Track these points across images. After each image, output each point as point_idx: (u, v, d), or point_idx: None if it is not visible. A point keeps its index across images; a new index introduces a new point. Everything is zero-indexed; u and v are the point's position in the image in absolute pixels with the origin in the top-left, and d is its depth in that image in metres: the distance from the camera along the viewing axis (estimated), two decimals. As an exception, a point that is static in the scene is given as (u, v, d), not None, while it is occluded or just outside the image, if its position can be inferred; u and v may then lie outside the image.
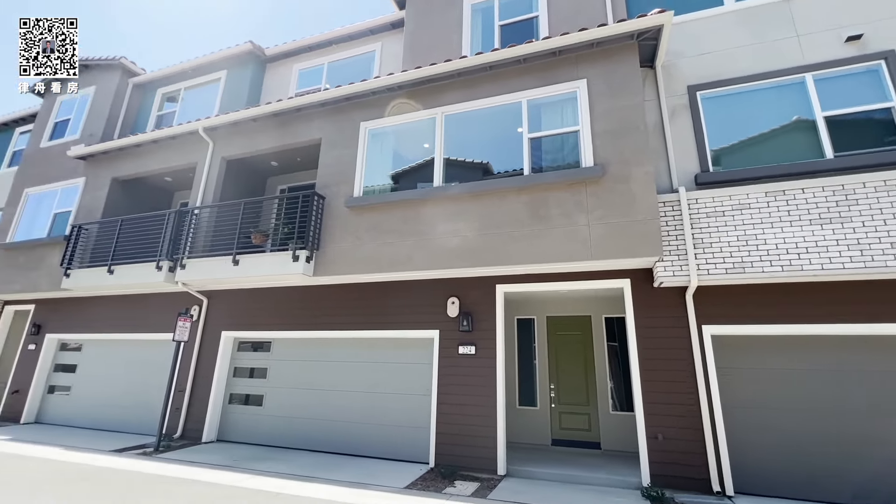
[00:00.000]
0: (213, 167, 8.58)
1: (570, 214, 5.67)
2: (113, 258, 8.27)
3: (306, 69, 10.15)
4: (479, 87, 6.75)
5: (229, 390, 7.98)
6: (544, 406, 7.48)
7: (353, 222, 6.88)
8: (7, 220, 10.66)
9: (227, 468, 5.82)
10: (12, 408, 9.42)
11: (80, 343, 9.71)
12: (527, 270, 6.15)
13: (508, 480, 5.55)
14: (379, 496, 4.81)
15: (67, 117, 11.37)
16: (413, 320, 6.78)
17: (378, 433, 6.66)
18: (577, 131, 6.02)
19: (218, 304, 8.32)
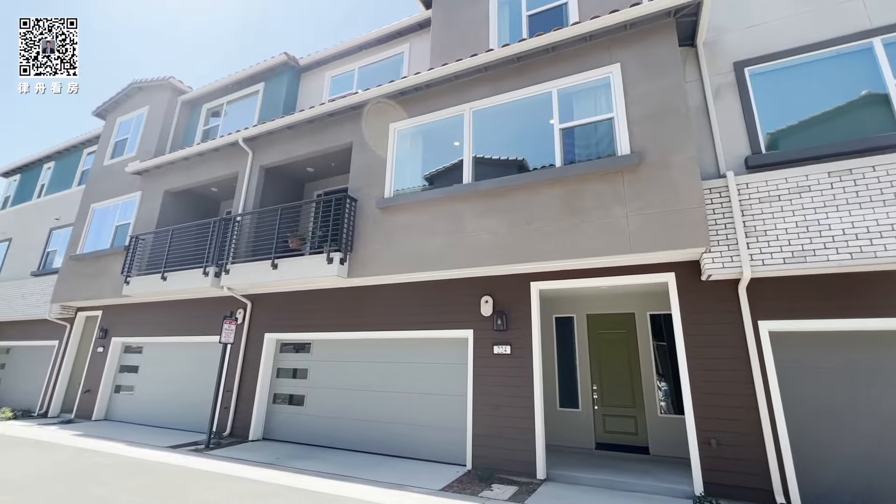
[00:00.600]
0: (253, 175, 8.93)
1: (607, 206, 5.39)
2: (166, 265, 8.79)
3: (338, 76, 10.36)
4: (508, 80, 6.58)
5: (273, 390, 8.25)
6: (587, 408, 7.17)
7: (384, 223, 6.91)
8: (77, 233, 11.62)
9: (269, 466, 5.99)
10: (85, 406, 10.24)
11: (141, 346, 10.41)
12: (562, 266, 5.91)
13: (548, 485, 5.34)
14: (416, 498, 4.77)
15: (126, 136, 12.26)
16: (446, 320, 6.70)
17: (414, 434, 6.63)
18: (612, 119, 5.72)
19: (261, 307, 8.64)
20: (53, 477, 5.32)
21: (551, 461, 5.96)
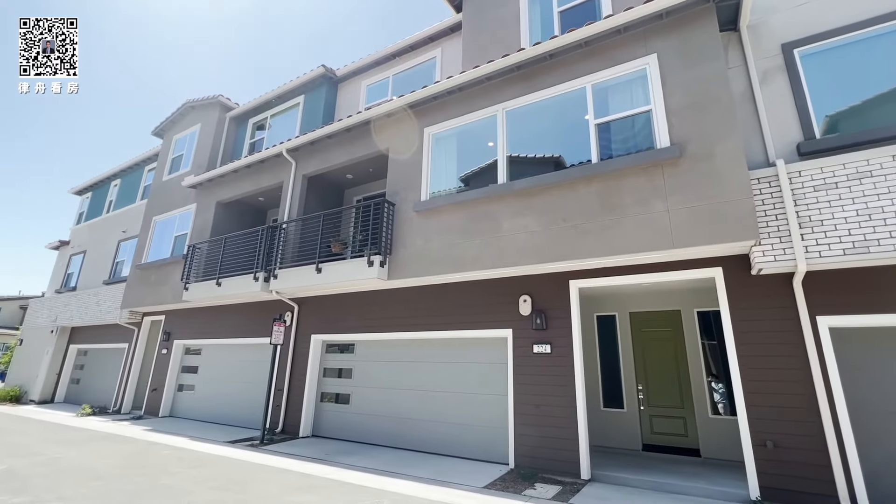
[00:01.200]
0: (297, 184, 9.36)
1: (646, 201, 5.26)
2: (220, 272, 9.39)
3: (373, 84, 10.66)
4: (540, 78, 6.56)
5: (320, 389, 8.61)
6: (632, 408, 6.99)
7: (421, 226, 7.06)
8: (141, 244, 12.62)
9: (318, 461, 6.27)
10: (152, 403, 11.09)
11: (200, 348, 11.15)
12: (601, 264, 5.82)
13: (593, 486, 5.27)
14: (459, 494, 4.85)
15: (181, 153, 13.18)
16: (485, 320, 6.75)
17: (456, 432, 6.72)
18: (650, 111, 5.57)
19: (307, 309, 9.04)
20: (130, 468, 5.84)
21: (596, 462, 5.88)
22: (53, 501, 4.33)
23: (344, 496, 4.70)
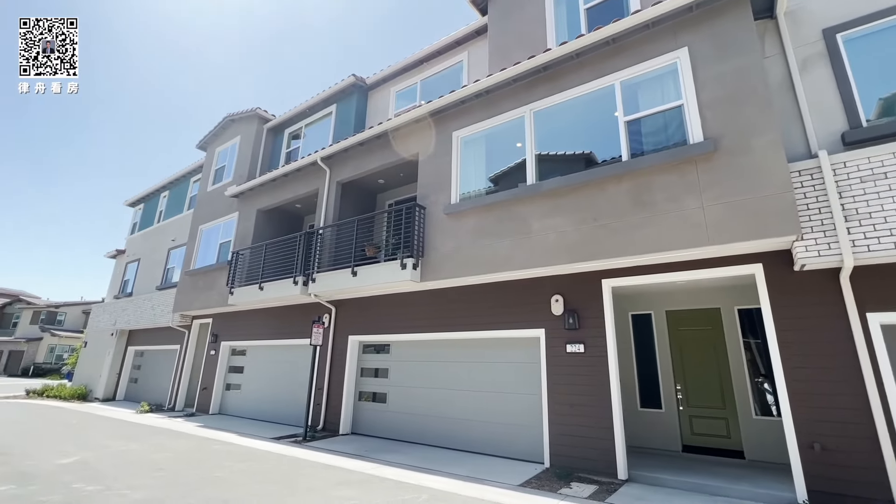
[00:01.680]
0: (331, 191, 9.72)
1: (678, 198, 5.18)
2: (262, 276, 9.87)
3: (402, 90, 10.90)
4: (567, 78, 6.55)
5: (358, 388, 8.90)
6: (670, 409, 6.86)
7: (452, 228, 7.20)
8: (189, 252, 13.42)
9: (358, 457, 6.52)
10: (203, 401, 11.78)
11: (245, 349, 11.74)
12: (633, 263, 5.76)
13: (630, 486, 5.24)
14: (495, 491, 4.94)
15: (223, 164, 13.91)
16: (517, 320, 6.81)
17: (491, 431, 6.81)
18: (681, 106, 5.47)
19: (344, 311, 9.36)
20: (186, 461, 6.28)
21: (634, 462, 5.83)
22: (123, 490, 4.75)
23: (384, 491, 4.89)
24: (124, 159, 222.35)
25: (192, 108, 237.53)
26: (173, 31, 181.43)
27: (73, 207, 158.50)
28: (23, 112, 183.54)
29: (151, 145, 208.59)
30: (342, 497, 4.67)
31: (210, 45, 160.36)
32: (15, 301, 39.26)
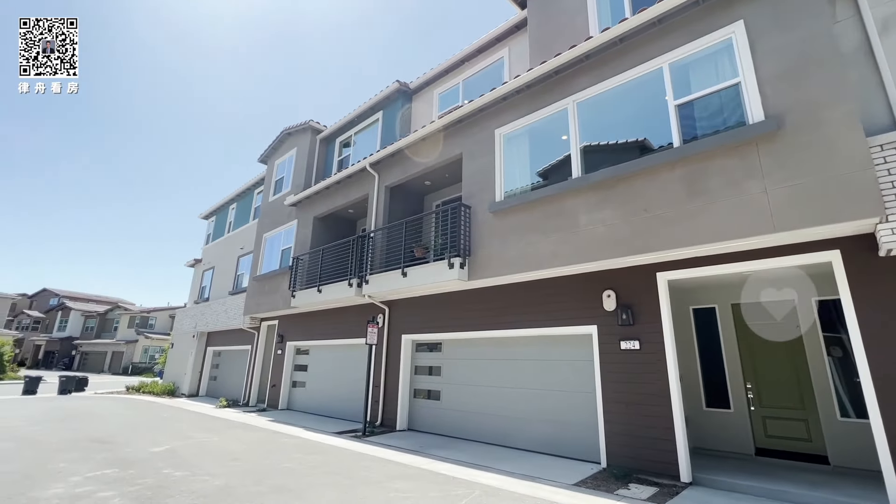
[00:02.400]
0: (380, 195, 10.05)
1: (738, 183, 4.83)
2: (319, 280, 10.43)
3: (444, 92, 11.03)
4: (611, 65, 6.32)
5: (413, 386, 9.15)
6: (740, 409, 6.40)
7: (497, 226, 7.19)
8: (255, 258, 14.45)
9: (413, 452, 6.72)
10: (272, 397, 12.65)
11: (308, 348, 12.46)
12: (690, 254, 5.45)
13: (695, 489, 4.97)
14: (548, 490, 4.90)
15: (282, 175, 14.82)
16: (568, 316, 6.67)
17: (544, 429, 6.73)
18: (738, 84, 5.10)
19: (397, 311, 9.65)
20: (258, 452, 6.81)
21: (699, 464, 5.53)
22: (204, 476, 5.25)
23: (437, 486, 5.02)
24: (193, 174, 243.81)
25: (249, 121, 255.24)
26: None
27: (158, 221, 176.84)
28: (120, 151, 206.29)
29: (214, 159, 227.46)
30: (397, 489, 4.85)
31: (258, 51, 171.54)
32: (115, 307, 44.31)
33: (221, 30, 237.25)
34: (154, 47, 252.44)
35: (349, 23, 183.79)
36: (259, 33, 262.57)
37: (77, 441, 7.24)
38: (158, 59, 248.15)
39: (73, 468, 5.46)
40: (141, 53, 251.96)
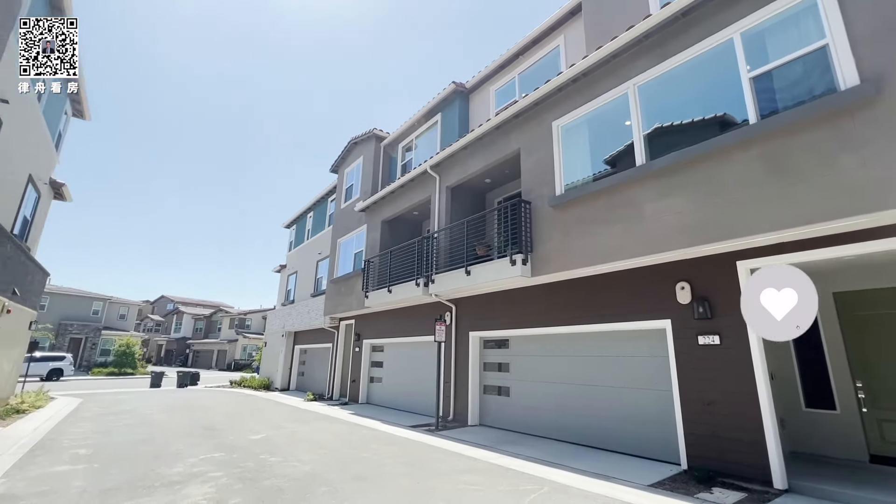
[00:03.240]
0: (442, 196, 10.30)
1: (828, 158, 4.32)
2: (389, 280, 10.94)
3: (500, 88, 10.98)
4: (674, 42, 5.93)
5: (482, 382, 9.28)
6: (848, 410, 5.69)
7: (558, 220, 7.07)
8: (331, 262, 15.49)
9: (484, 447, 6.85)
10: (353, 392, 13.51)
11: (382, 345, 13.12)
12: (774, 239, 4.96)
13: (791, 497, 4.54)
14: (622, 490, 4.77)
15: (352, 183, 15.71)
16: (637, 311, 6.39)
17: (619, 428, 6.51)
18: (825, 46, 4.54)
19: (463, 309, 9.85)
20: (340, 442, 7.37)
21: (798, 470, 5.06)
22: (294, 462, 5.83)
23: (506, 480, 5.10)
24: (275, 185, 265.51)
25: (325, 131, 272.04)
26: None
27: (247, 229, 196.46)
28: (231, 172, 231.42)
29: (297, 171, 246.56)
30: (467, 482, 5.01)
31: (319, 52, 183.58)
32: (217, 311, 49.79)
33: (298, 36, 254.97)
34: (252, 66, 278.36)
35: (395, 25, 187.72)
36: (316, 37, 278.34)
37: (192, 428, 8.35)
38: (251, 76, 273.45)
39: (189, 451, 6.35)
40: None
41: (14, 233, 9.47)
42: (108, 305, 36.75)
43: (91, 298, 35.64)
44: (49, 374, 22.84)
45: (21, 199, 9.70)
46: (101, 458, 5.92)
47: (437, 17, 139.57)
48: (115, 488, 4.59)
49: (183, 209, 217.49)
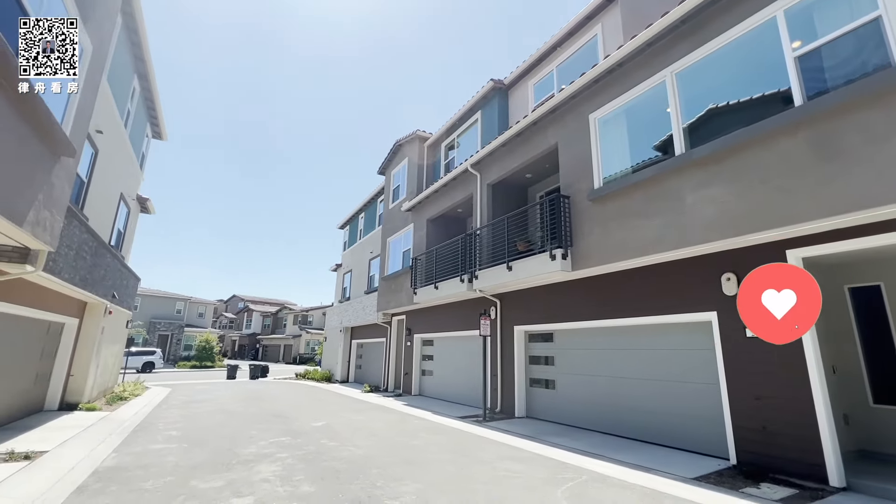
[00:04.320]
0: (483, 193, 10.50)
1: (882, 138, 4.06)
2: (436, 277, 11.34)
3: (539, 82, 10.94)
4: (711, 26, 5.73)
5: (528, 375, 9.43)
6: (922, 406, 5.27)
7: (597, 214, 7.05)
8: (382, 261, 16.20)
9: (529, 438, 7.04)
10: (406, 384, 14.13)
11: (432, 339, 13.59)
12: (827, 226, 4.70)
13: (847, 495, 4.36)
14: (663, 482, 4.79)
15: (398, 184, 16.29)
16: (681, 303, 6.26)
17: (664, 421, 6.44)
18: (877, 18, 4.25)
19: (507, 304, 10.02)
20: (392, 430, 7.88)
21: (863, 469, 4.83)
22: (350, 446, 6.37)
23: (546, 469, 5.29)
24: (326, 186, 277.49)
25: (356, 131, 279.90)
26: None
27: (304, 229, 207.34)
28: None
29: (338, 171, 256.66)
30: (507, 469, 5.26)
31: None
32: (283, 308, 53.23)
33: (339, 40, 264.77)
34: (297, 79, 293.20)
35: (441, 28, 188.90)
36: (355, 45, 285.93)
37: (262, 415, 9.26)
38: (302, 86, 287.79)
39: (260, 435, 7.12)
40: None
41: (111, 244, 10.90)
42: (189, 305, 40.60)
43: (174, 299, 39.57)
44: (143, 367, 25.81)
45: (115, 215, 11.14)
46: (189, 439, 6.81)
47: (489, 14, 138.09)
48: (201, 464, 5.33)
49: (250, 209, 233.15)
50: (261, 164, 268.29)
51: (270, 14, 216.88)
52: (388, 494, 4.31)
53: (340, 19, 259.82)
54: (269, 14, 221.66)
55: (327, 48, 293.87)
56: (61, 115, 5.38)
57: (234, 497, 4.20)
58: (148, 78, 11.31)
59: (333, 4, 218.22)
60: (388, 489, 4.47)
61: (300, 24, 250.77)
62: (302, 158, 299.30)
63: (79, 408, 9.30)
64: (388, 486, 4.55)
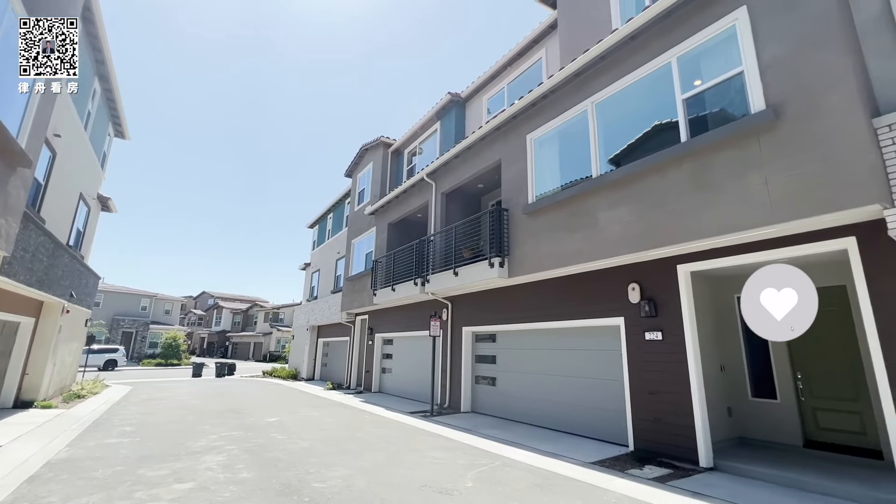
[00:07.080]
0: (438, 201, 11.11)
1: (740, 174, 4.86)
2: (393, 279, 11.89)
3: (492, 97, 11.62)
4: (625, 63, 6.47)
5: (474, 373, 10.11)
6: (788, 399, 6.18)
7: (530, 226, 7.76)
8: (347, 261, 16.63)
9: (466, 431, 7.70)
10: (367, 381, 14.64)
11: (391, 339, 14.14)
12: (704, 246, 5.51)
13: (712, 474, 5.16)
14: (564, 466, 5.50)
15: (363, 187, 16.74)
16: (598, 309, 7.03)
17: (581, 414, 7.21)
18: (741, 73, 5.04)
19: (458, 306, 10.67)
20: (342, 425, 8.41)
21: (735, 453, 5.68)
22: (297, 440, 6.89)
23: (468, 457, 5.95)
24: (299, 185, 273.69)
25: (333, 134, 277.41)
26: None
27: (274, 227, 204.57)
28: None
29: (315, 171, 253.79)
30: (433, 457, 5.90)
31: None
32: (253, 305, 52.68)
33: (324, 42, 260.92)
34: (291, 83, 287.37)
35: (403, 44, 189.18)
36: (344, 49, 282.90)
37: (221, 411, 9.64)
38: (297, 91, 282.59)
39: (213, 430, 7.54)
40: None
41: (69, 244, 11.00)
42: (155, 302, 39.84)
43: (139, 295, 38.77)
44: (105, 365, 25.41)
45: (74, 215, 11.23)
46: (142, 433, 7.18)
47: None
48: (151, 455, 5.76)
49: (216, 210, 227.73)
50: (246, 158, 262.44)
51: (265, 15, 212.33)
52: (318, 479, 4.87)
53: (334, 20, 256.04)
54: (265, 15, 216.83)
55: (320, 51, 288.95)
56: (17, 127, 5.68)
57: (176, 483, 4.67)
58: (109, 79, 11.42)
59: (333, 4, 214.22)
60: (318, 475, 5.03)
61: (292, 24, 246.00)
62: (280, 155, 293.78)
63: (34, 405, 9.46)
64: (320, 473, 5.11)
